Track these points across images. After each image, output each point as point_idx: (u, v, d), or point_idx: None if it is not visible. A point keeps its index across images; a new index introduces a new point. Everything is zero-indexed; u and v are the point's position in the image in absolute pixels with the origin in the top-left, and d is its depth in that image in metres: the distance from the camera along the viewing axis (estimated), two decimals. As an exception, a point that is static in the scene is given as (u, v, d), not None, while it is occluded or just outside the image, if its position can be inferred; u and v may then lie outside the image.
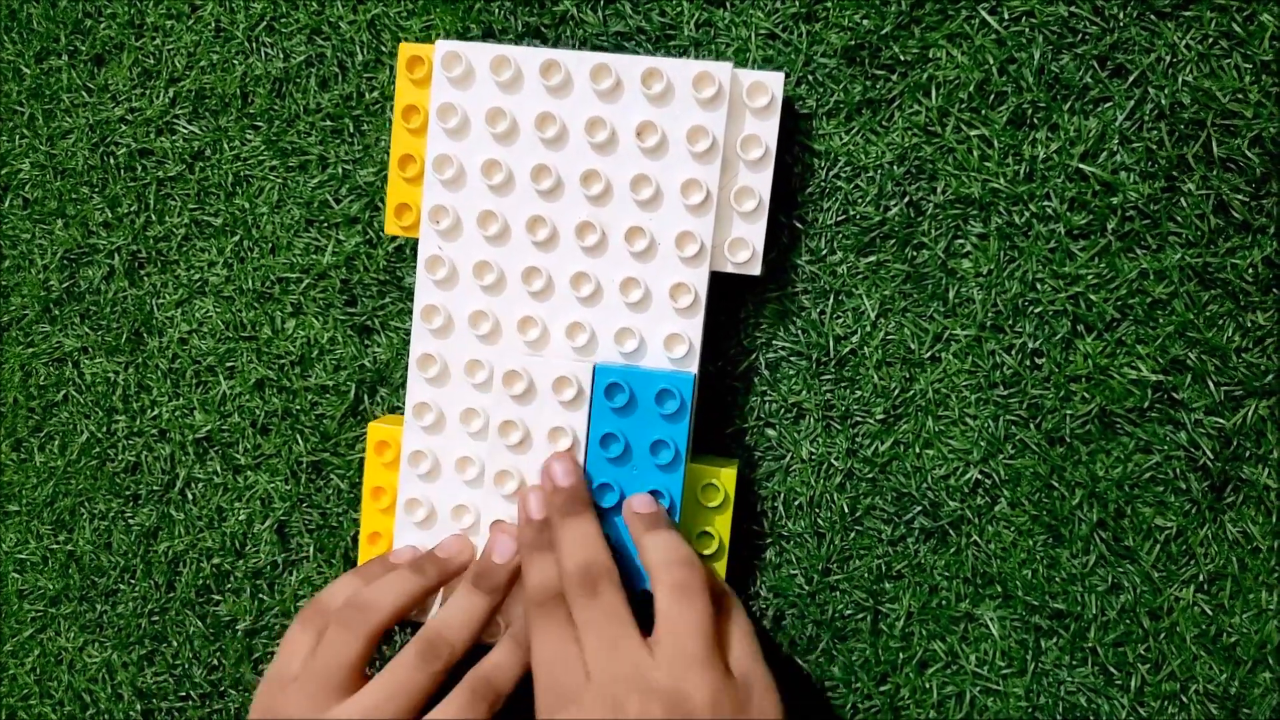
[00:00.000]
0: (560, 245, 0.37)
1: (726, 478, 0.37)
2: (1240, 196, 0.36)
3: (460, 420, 0.38)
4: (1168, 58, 0.36)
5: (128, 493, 0.46)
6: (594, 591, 0.33)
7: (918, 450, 0.38)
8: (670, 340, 0.36)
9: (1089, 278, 0.37)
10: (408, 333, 0.42)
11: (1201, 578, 0.37)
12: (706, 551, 0.37)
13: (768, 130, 0.36)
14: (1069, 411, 0.37)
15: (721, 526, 0.37)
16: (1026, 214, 0.37)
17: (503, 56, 0.36)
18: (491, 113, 0.37)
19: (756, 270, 0.36)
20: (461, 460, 0.38)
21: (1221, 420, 0.36)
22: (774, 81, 0.35)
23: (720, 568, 0.37)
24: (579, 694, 0.32)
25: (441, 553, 0.38)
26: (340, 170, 0.43)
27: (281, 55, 0.43)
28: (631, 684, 0.31)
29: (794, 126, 0.38)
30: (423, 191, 0.38)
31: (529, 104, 0.37)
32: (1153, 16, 0.36)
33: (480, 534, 0.38)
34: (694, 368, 0.36)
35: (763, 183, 0.36)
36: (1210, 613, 0.37)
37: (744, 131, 0.36)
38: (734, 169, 0.36)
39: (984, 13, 0.37)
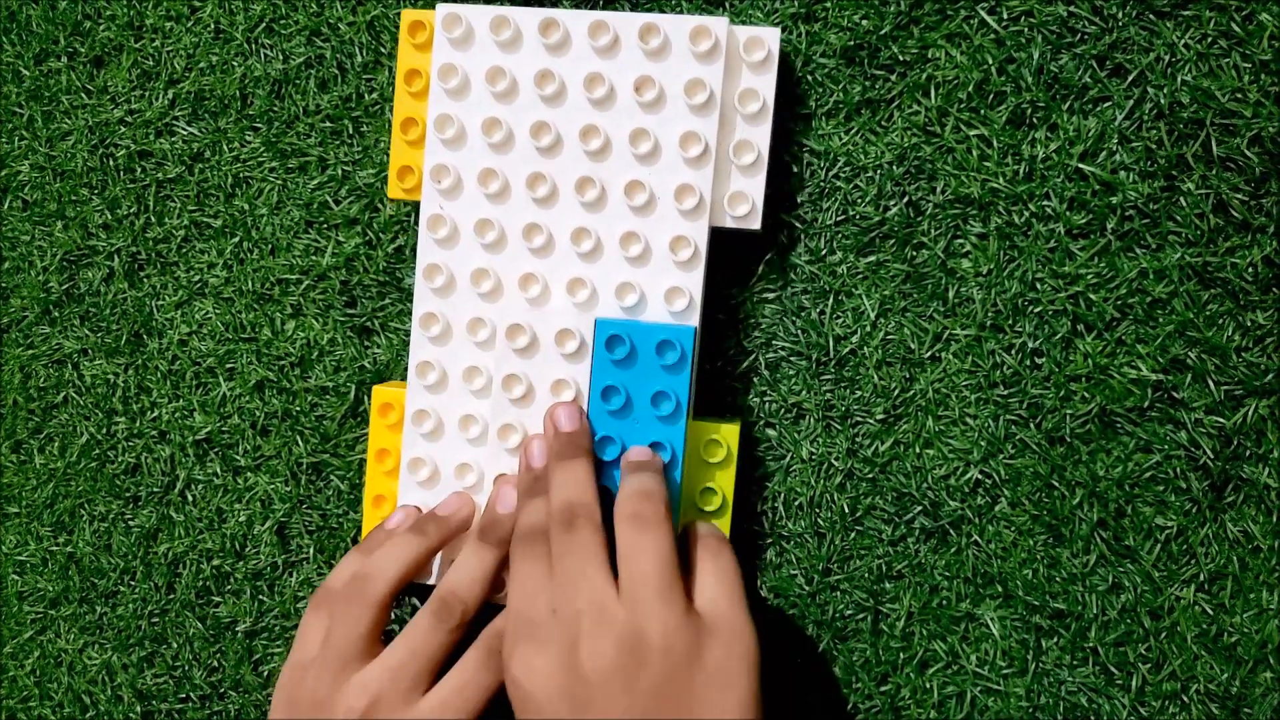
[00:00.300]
0: (560, 201, 0.37)
1: (728, 433, 0.37)
2: (1240, 196, 0.36)
3: (463, 378, 0.38)
4: (1167, 57, 0.36)
5: (127, 494, 0.46)
6: (570, 527, 0.33)
7: (918, 450, 0.38)
8: (671, 294, 0.37)
9: (1089, 277, 0.37)
10: (407, 334, 0.42)
11: (1202, 577, 0.37)
12: (710, 508, 0.37)
13: (765, 84, 0.36)
14: (1069, 411, 0.37)
15: (724, 482, 0.37)
16: (1026, 214, 0.37)
17: (502, 17, 0.37)
18: (491, 72, 0.37)
19: (756, 225, 0.36)
20: (465, 419, 0.39)
21: (1222, 419, 0.36)
22: (770, 36, 0.36)
23: (725, 523, 0.37)
24: (539, 626, 0.32)
25: (442, 511, 0.38)
26: (340, 171, 0.43)
27: (281, 57, 0.43)
28: (588, 617, 0.31)
29: (793, 127, 0.39)
30: (424, 152, 0.38)
31: (528, 62, 0.37)
32: (1152, 16, 0.36)
33: (483, 491, 0.38)
34: (695, 320, 0.36)
35: (761, 136, 0.36)
36: (1211, 612, 0.37)
37: (741, 85, 0.36)
38: (732, 123, 0.36)
39: (983, 13, 0.37)
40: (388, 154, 0.42)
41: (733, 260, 0.39)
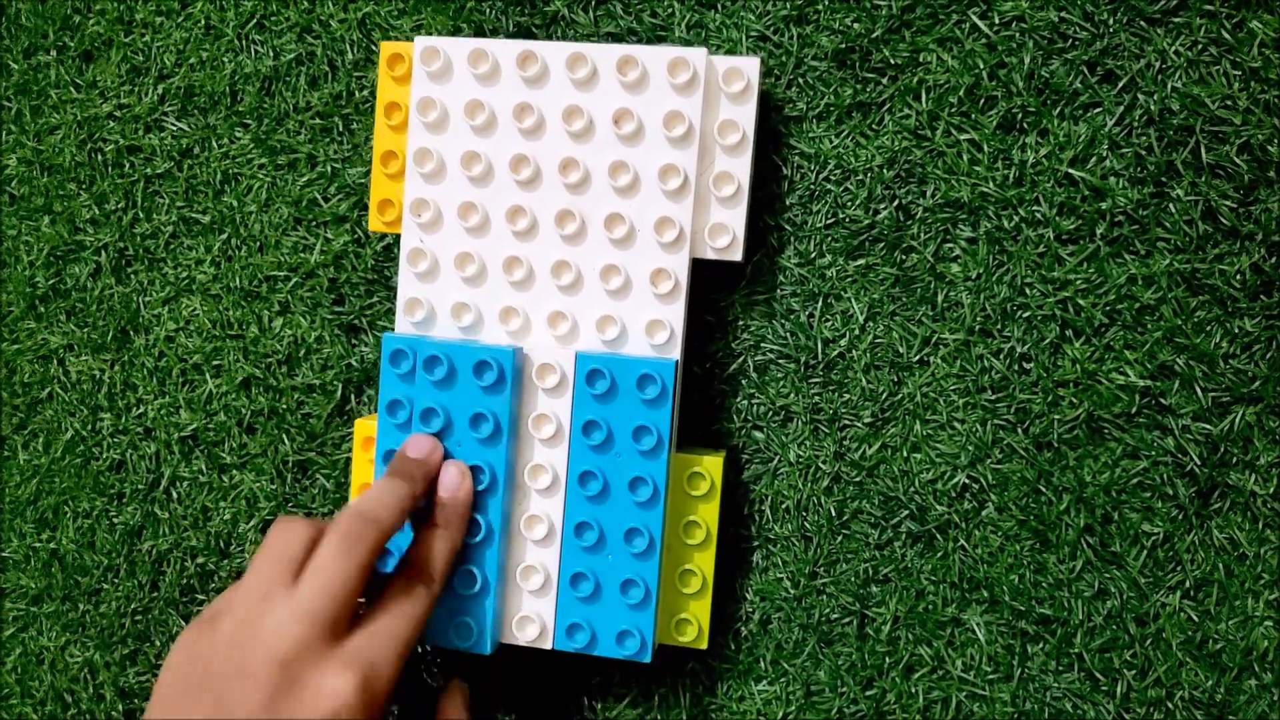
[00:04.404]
0: (540, 234, 0.37)
1: (711, 465, 0.37)
2: (1228, 203, 0.36)
3: None
4: (1157, 64, 0.36)
5: (112, 491, 0.46)
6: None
7: (905, 454, 0.38)
8: (651, 326, 0.36)
9: (1078, 283, 0.37)
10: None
11: (1188, 584, 0.37)
12: (693, 542, 0.37)
13: (744, 115, 0.36)
14: (1057, 416, 0.37)
15: (708, 515, 0.37)
16: (1016, 218, 0.37)
17: (480, 50, 0.36)
18: (470, 105, 0.37)
19: (738, 255, 0.36)
20: None
21: (1209, 426, 0.36)
22: (750, 67, 0.35)
23: (709, 556, 0.37)
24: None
25: (414, 452, 0.36)
26: (329, 169, 0.42)
27: (271, 53, 0.43)
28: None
29: (784, 129, 0.38)
30: (404, 185, 0.38)
31: (507, 95, 0.37)
32: (1142, 23, 0.36)
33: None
34: (676, 354, 0.36)
35: (741, 168, 0.36)
36: (1196, 619, 0.37)
37: (720, 117, 0.36)
38: (711, 154, 0.36)
39: (974, 17, 0.37)
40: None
41: (720, 264, 0.39)
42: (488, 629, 0.37)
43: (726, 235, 0.36)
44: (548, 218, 0.37)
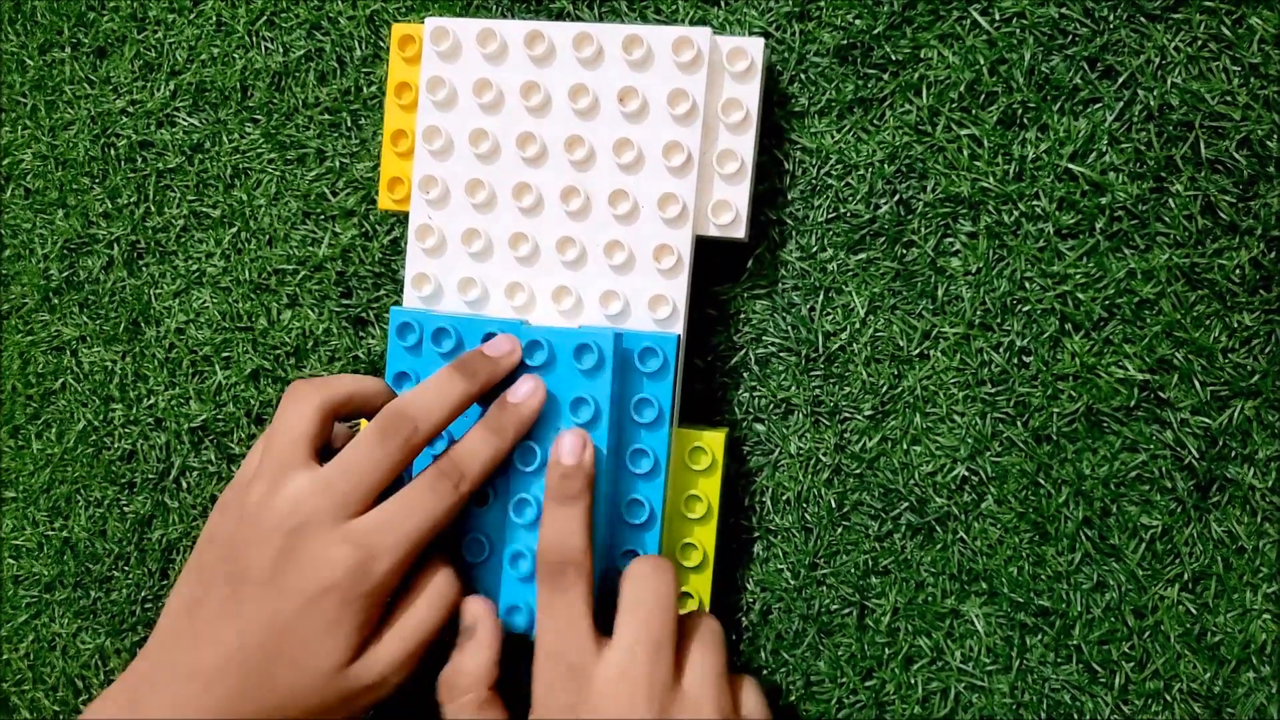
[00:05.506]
0: (545, 210, 0.38)
1: (713, 440, 0.37)
2: (1228, 198, 0.36)
3: None
4: (1157, 60, 0.36)
5: (123, 480, 0.46)
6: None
7: (905, 446, 0.39)
8: (654, 301, 0.37)
9: (1077, 277, 0.37)
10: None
11: (1186, 577, 0.37)
12: (695, 515, 0.37)
13: (748, 94, 0.36)
14: (1056, 410, 0.37)
15: (710, 489, 0.37)
16: (1016, 213, 0.37)
17: (489, 29, 0.37)
18: (478, 84, 0.37)
19: (740, 233, 0.37)
20: None
21: (1208, 420, 0.36)
22: (754, 46, 0.36)
23: (710, 530, 0.38)
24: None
25: (491, 351, 0.36)
26: (338, 163, 0.43)
27: (281, 49, 0.44)
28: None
29: (786, 124, 0.39)
30: (413, 163, 0.38)
31: (514, 74, 0.37)
32: (1142, 19, 0.36)
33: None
34: (679, 328, 0.37)
35: (744, 145, 0.36)
36: (1195, 612, 0.37)
37: (724, 95, 0.36)
38: (715, 133, 0.37)
39: (975, 14, 0.37)
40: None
41: (724, 256, 0.40)
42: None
43: (729, 212, 0.37)
44: (553, 194, 0.37)
